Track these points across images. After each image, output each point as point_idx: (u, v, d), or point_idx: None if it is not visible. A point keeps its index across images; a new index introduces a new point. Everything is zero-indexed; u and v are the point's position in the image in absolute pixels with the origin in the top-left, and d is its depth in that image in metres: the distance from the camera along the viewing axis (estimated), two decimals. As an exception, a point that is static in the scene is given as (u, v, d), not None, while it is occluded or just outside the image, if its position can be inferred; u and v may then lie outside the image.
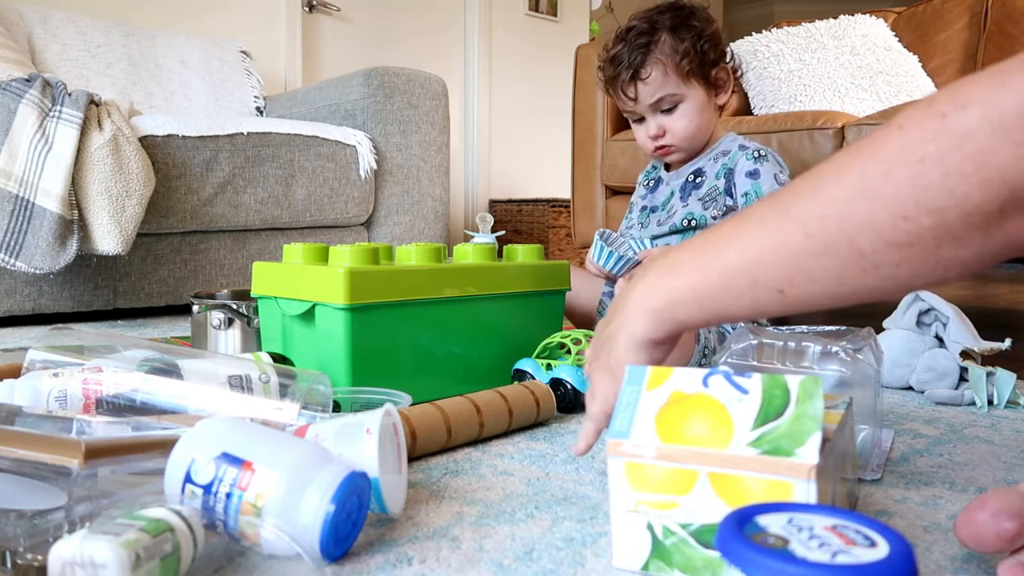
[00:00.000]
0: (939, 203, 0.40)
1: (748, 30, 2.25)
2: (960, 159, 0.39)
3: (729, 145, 1.19)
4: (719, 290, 0.50)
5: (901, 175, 0.41)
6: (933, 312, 1.07)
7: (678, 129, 1.16)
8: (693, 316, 0.53)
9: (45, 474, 0.49)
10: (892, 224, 0.42)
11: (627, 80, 1.14)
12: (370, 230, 2.17)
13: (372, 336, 0.87)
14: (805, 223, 0.45)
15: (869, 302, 0.52)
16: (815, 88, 1.95)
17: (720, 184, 1.15)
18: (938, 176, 0.40)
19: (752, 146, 1.16)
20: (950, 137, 0.40)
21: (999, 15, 1.95)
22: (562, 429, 0.85)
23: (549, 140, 3.94)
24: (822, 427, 0.45)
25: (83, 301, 1.72)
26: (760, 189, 1.12)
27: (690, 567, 0.47)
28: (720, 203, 1.14)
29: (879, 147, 0.43)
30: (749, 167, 1.13)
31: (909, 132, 0.42)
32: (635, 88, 1.14)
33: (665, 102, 1.14)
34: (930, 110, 0.41)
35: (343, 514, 0.49)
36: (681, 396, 0.49)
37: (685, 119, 1.15)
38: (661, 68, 1.13)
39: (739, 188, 1.13)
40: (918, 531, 0.57)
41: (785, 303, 0.48)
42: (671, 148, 1.18)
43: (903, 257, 0.43)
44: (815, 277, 0.46)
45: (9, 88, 1.59)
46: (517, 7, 3.83)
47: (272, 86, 2.82)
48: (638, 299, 0.55)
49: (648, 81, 1.13)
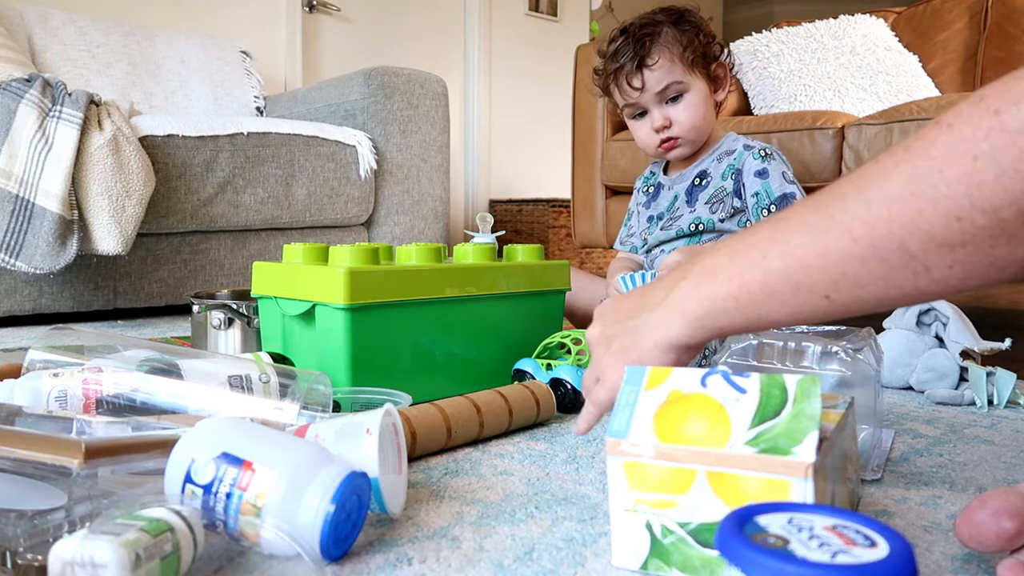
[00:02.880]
0: (994, 202, 0.39)
1: (748, 30, 2.25)
2: (1015, 156, 0.38)
3: (732, 145, 1.19)
4: (761, 296, 0.49)
5: (953, 174, 0.40)
6: (933, 312, 1.07)
7: (684, 119, 1.14)
8: (734, 323, 0.52)
9: (45, 474, 0.49)
10: (944, 224, 0.40)
11: (632, 70, 1.13)
12: (370, 230, 2.17)
13: (372, 336, 0.87)
14: (851, 226, 0.44)
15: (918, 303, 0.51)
16: (815, 88, 1.95)
17: (727, 185, 1.15)
18: (992, 174, 0.39)
19: (757, 145, 1.16)
20: (1004, 134, 0.38)
21: (999, 15, 1.95)
22: (562, 429, 0.85)
23: (549, 140, 3.94)
24: (820, 426, 0.45)
25: (83, 301, 1.72)
26: (770, 188, 1.12)
27: (688, 566, 0.47)
28: (728, 204, 1.14)
29: (928, 146, 0.41)
30: (757, 166, 1.13)
31: (960, 130, 0.40)
32: (641, 77, 1.13)
33: (671, 90, 1.13)
34: (981, 106, 0.40)
35: (343, 514, 0.49)
36: (679, 395, 0.49)
37: (691, 109, 1.14)
38: (667, 55, 1.12)
39: (749, 188, 1.13)
40: (918, 531, 0.57)
41: (831, 308, 0.47)
42: (677, 140, 1.16)
43: (956, 258, 0.41)
44: (862, 281, 0.45)
45: (9, 88, 1.59)
46: (517, 7, 3.84)
47: (272, 86, 2.82)
48: (677, 302, 0.54)
49: (655, 68, 1.12)
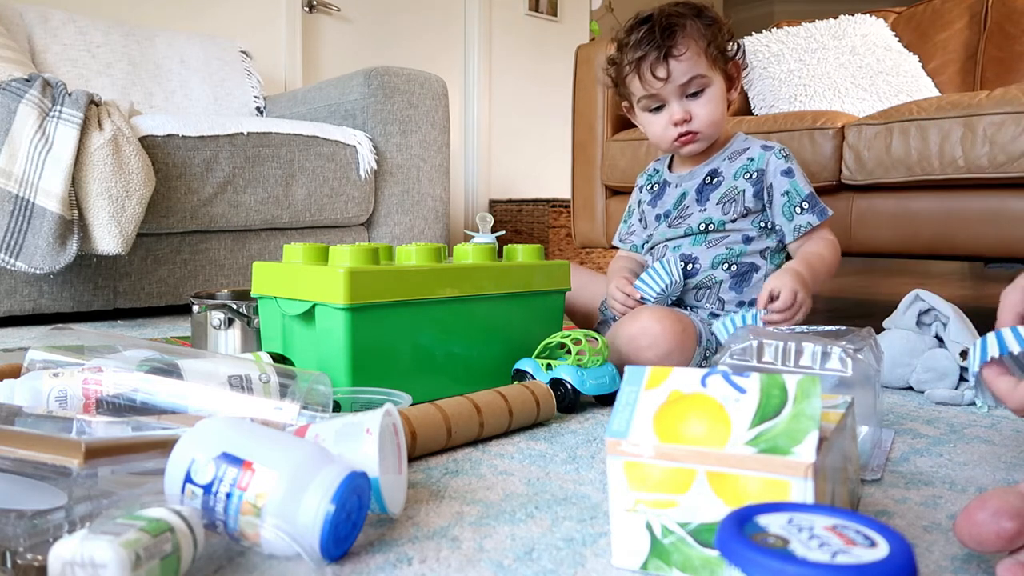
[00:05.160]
0: None
1: (748, 30, 2.25)
2: None
3: (743, 144, 1.18)
4: None
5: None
6: (933, 312, 1.07)
7: (704, 115, 1.13)
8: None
9: (45, 474, 0.49)
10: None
11: (658, 59, 1.10)
12: (370, 230, 2.17)
13: (372, 336, 0.87)
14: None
15: None
16: (815, 88, 1.95)
17: (739, 184, 1.14)
18: None
19: (775, 145, 1.17)
20: None
21: (999, 15, 1.95)
22: (562, 429, 0.85)
23: (549, 140, 3.94)
24: (819, 426, 0.45)
25: (83, 301, 1.72)
26: (799, 186, 1.13)
27: (688, 566, 0.47)
28: (740, 204, 1.14)
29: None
30: (783, 166, 1.14)
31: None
32: (667, 67, 1.10)
33: (694, 84, 1.11)
34: None
35: (343, 514, 0.49)
36: (679, 395, 0.49)
37: (711, 105, 1.13)
38: (694, 47, 1.10)
39: (777, 188, 1.13)
40: (918, 531, 0.57)
41: None
42: (696, 135, 1.14)
43: None
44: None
45: (9, 88, 1.59)
46: (517, 7, 3.84)
47: (272, 86, 2.82)
48: None
49: (682, 58, 1.10)
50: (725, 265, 1.14)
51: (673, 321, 1.00)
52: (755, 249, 1.14)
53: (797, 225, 1.12)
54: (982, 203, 1.43)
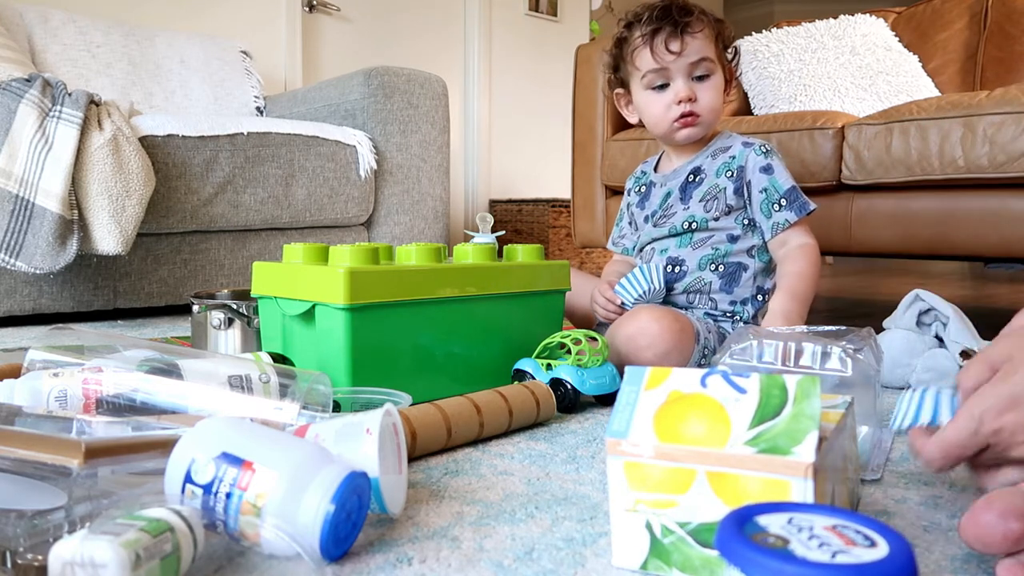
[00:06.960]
0: None
1: (748, 30, 2.25)
2: None
3: (726, 142, 1.19)
4: None
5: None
6: (933, 312, 1.07)
7: (707, 100, 1.14)
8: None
9: (45, 474, 0.49)
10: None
11: (673, 32, 1.11)
12: (370, 230, 2.17)
13: (372, 336, 0.87)
14: None
15: None
16: (815, 88, 1.95)
17: (721, 183, 1.14)
18: None
19: (756, 141, 1.16)
20: None
21: (999, 15, 1.95)
22: (562, 429, 0.85)
23: (549, 140, 3.94)
24: (819, 426, 0.45)
25: (83, 301, 1.72)
26: (778, 183, 1.12)
27: (688, 566, 0.47)
28: (722, 202, 1.14)
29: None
30: (762, 163, 1.13)
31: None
32: (681, 41, 1.11)
33: (702, 66, 1.12)
34: None
35: (343, 514, 0.49)
36: (679, 396, 0.49)
37: (714, 92, 1.14)
38: (708, 31, 1.13)
39: (755, 184, 1.13)
40: (918, 531, 0.57)
41: None
42: (696, 118, 1.14)
43: None
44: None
45: (9, 88, 1.59)
46: (517, 7, 3.84)
47: (272, 86, 2.82)
48: None
49: (697, 35, 1.11)
50: (712, 266, 1.14)
51: (671, 321, 1.00)
52: (741, 248, 1.14)
53: (775, 223, 1.12)
54: (982, 203, 1.44)
